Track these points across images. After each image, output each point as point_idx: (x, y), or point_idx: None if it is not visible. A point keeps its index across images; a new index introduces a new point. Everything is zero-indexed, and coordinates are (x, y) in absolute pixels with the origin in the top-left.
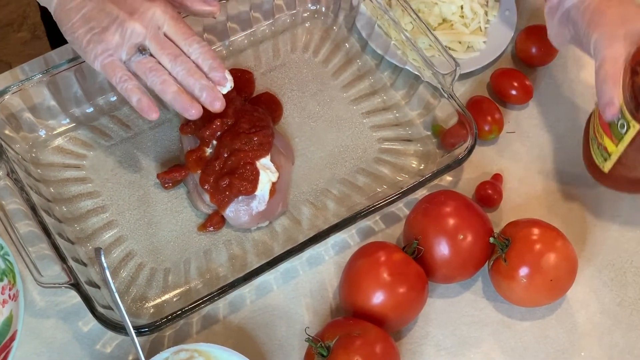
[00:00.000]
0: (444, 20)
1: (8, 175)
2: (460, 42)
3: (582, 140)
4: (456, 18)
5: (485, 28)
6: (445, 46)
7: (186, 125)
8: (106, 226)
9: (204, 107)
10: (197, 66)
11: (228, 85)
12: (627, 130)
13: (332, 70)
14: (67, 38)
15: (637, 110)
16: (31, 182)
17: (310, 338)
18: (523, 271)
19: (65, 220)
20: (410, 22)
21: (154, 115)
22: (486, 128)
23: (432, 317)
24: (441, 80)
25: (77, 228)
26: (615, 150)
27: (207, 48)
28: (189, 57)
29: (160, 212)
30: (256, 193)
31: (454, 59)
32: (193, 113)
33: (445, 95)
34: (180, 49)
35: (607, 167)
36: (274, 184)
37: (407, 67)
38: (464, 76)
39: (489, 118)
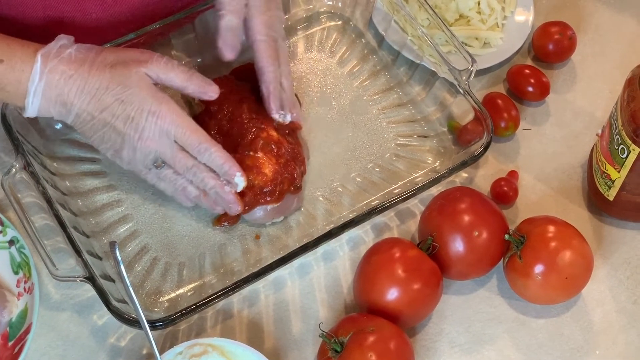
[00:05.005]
0: (461, 16)
1: (24, 168)
2: (477, 38)
3: (589, 158)
4: (473, 14)
5: (502, 24)
6: (462, 42)
7: (198, 117)
8: (121, 220)
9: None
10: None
11: (242, 183)
12: (627, 155)
13: (349, 66)
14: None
15: (636, 135)
16: (47, 176)
17: (324, 333)
18: (538, 268)
19: (81, 213)
20: (427, 18)
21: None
22: (502, 125)
23: (447, 313)
24: (457, 77)
25: (93, 222)
26: (618, 177)
27: (218, 153)
28: (201, 164)
29: (175, 206)
30: None
31: (470, 55)
32: (219, 210)
33: (462, 92)
34: (194, 157)
35: (611, 194)
36: None
37: (423, 63)
38: (481, 72)
39: (505, 115)
